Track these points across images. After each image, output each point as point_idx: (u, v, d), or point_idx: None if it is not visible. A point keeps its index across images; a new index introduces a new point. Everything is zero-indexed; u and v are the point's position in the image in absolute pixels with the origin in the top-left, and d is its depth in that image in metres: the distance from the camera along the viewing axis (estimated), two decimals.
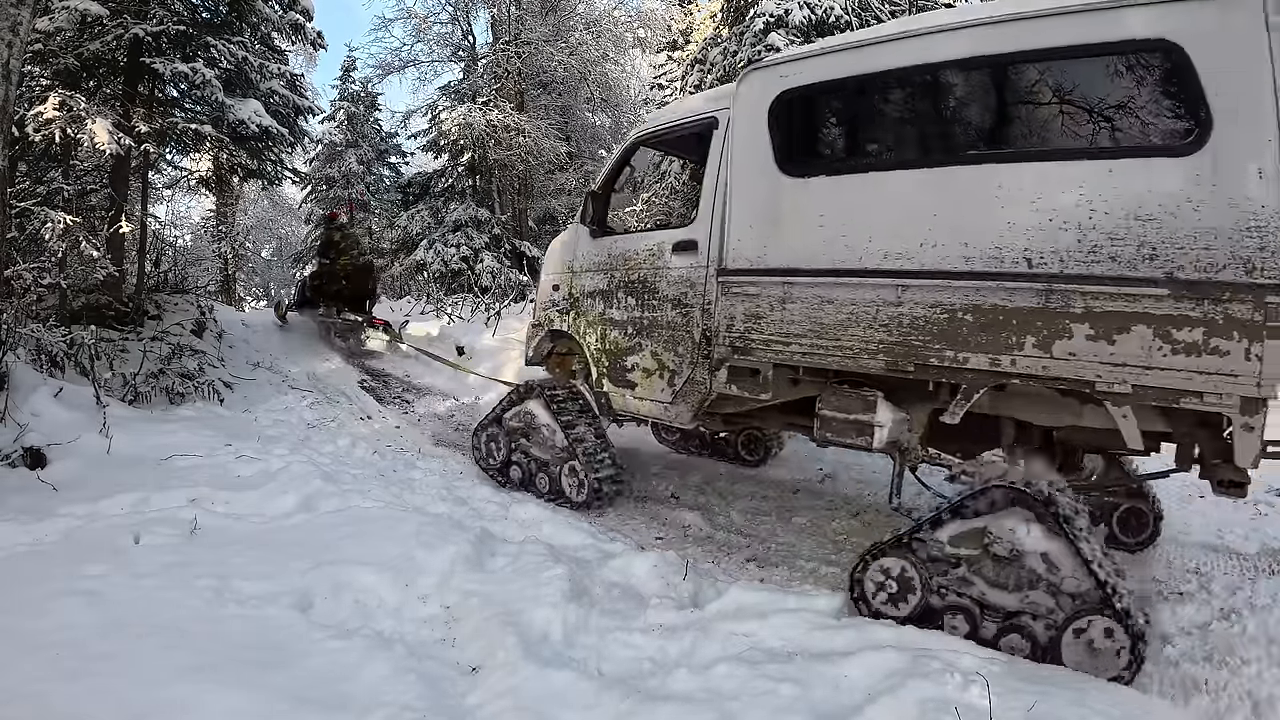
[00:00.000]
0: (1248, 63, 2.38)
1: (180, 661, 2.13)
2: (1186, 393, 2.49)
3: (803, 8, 8.73)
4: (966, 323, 2.86)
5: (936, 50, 2.95)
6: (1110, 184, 2.61)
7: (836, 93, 3.32)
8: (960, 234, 2.87)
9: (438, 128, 15.64)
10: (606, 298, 4.28)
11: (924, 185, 2.97)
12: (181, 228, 20.00)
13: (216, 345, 7.49)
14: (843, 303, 3.16)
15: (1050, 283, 2.68)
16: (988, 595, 2.72)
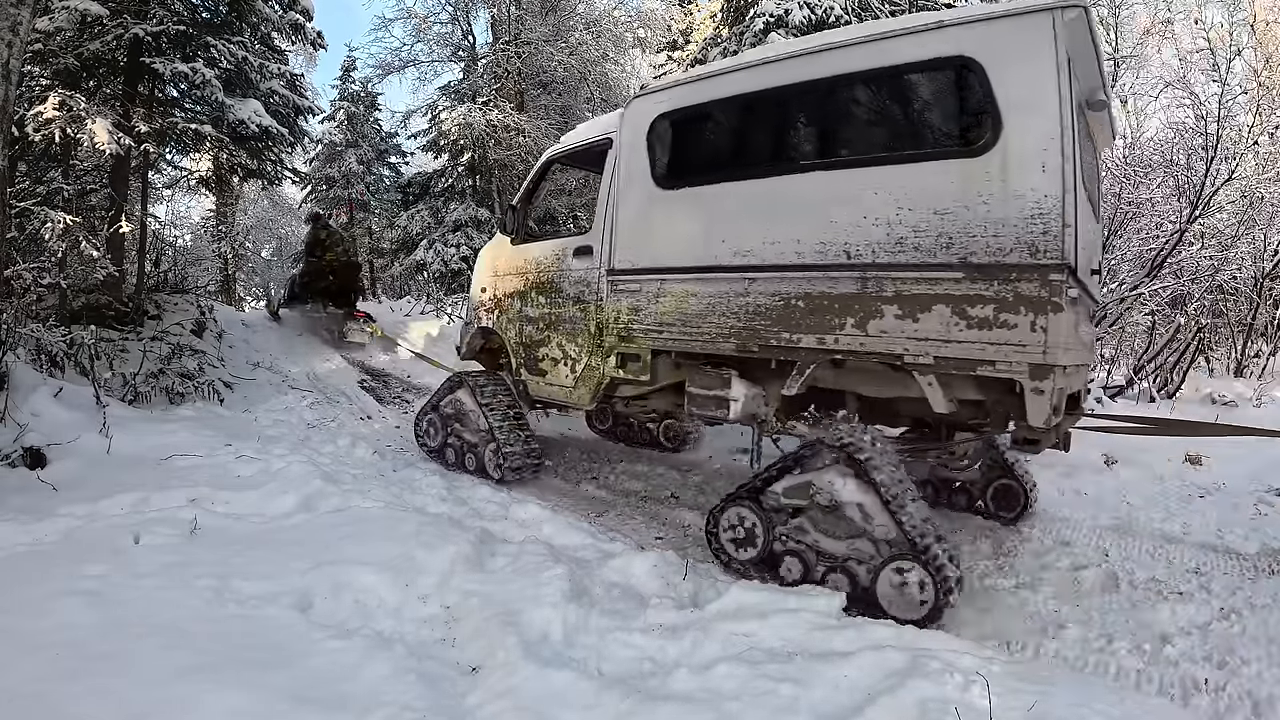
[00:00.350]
0: (1035, 73, 2.74)
1: (180, 661, 2.13)
2: (982, 362, 2.85)
3: (803, 7, 8.73)
4: (799, 308, 3.31)
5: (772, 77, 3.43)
6: (914, 184, 3.00)
7: (698, 116, 3.79)
8: (793, 233, 3.32)
9: (438, 128, 15.64)
10: (523, 297, 4.81)
11: (764, 192, 3.44)
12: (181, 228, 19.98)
13: (216, 345, 7.50)
14: (703, 295, 3.65)
15: (865, 271, 3.11)
16: (821, 543, 3.10)
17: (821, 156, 3.32)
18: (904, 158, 3.06)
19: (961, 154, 2.92)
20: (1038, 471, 4.93)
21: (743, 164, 3.65)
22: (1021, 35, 2.80)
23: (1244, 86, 7.65)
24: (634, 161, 3.99)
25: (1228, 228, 7.74)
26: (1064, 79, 2.71)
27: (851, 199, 3.14)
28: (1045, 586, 3.23)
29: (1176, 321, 7.18)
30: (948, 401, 3.05)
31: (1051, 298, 2.69)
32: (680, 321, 3.76)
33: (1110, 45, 6.76)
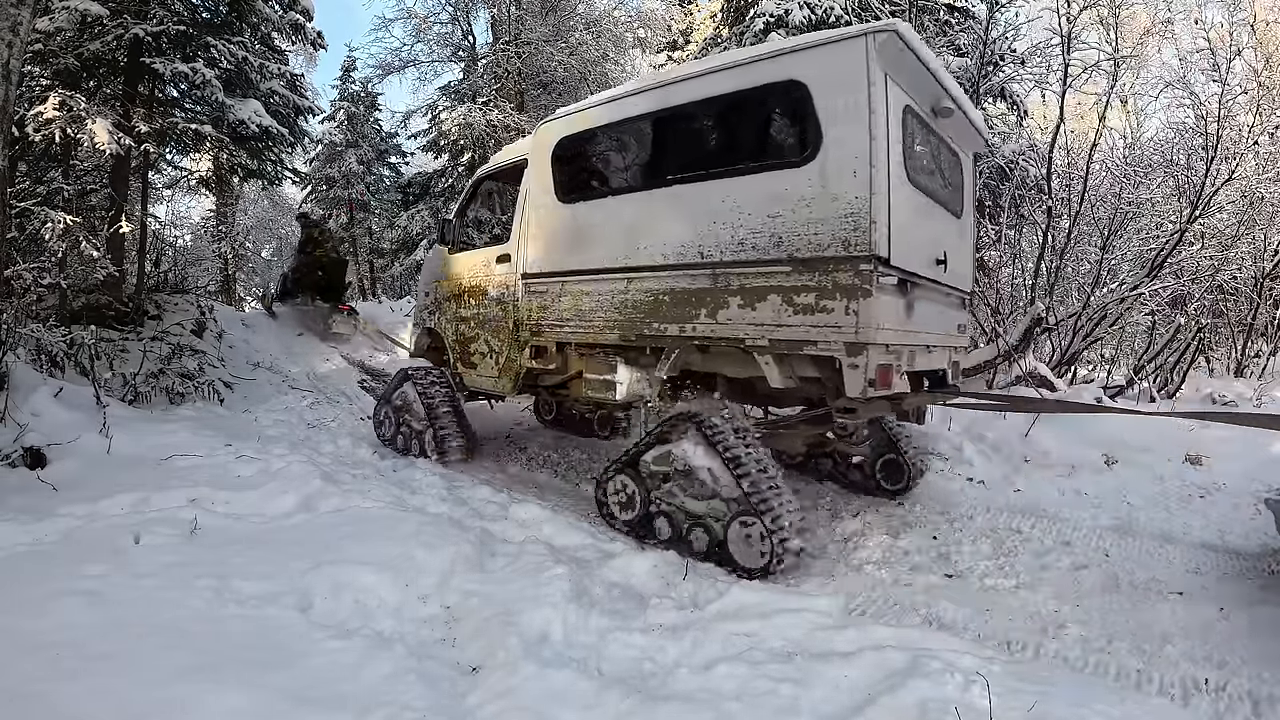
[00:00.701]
0: (849, 92, 3.14)
1: (180, 661, 2.13)
2: (806, 342, 3.30)
3: (803, 8, 8.72)
4: (665, 302, 3.83)
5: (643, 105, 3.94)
6: (753, 192, 3.46)
7: (588, 139, 4.31)
8: (660, 238, 3.83)
9: (438, 128, 15.64)
10: (458, 300, 5.38)
11: (638, 203, 3.97)
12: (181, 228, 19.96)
13: (216, 345, 7.49)
14: (593, 294, 4.18)
15: (715, 269, 3.59)
16: (686, 504, 3.57)
17: (680, 171, 3.80)
18: (745, 170, 3.53)
19: (790, 165, 3.35)
20: (1037, 472, 4.93)
21: (622, 180, 4.21)
22: (838, 59, 3.20)
23: (1244, 86, 7.64)
24: (541, 179, 4.53)
25: (1228, 228, 7.74)
26: (878, 95, 3.11)
27: (704, 207, 3.64)
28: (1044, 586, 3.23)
29: (1176, 321, 7.18)
30: (784, 378, 3.51)
31: (862, 285, 3.11)
32: (577, 317, 4.30)
33: (1110, 45, 6.75)
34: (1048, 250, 6.77)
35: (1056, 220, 6.91)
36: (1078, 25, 6.35)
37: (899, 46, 3.18)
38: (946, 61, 7.83)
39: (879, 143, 3.10)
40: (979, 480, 4.93)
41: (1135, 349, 7.80)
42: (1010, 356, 6.17)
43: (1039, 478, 4.84)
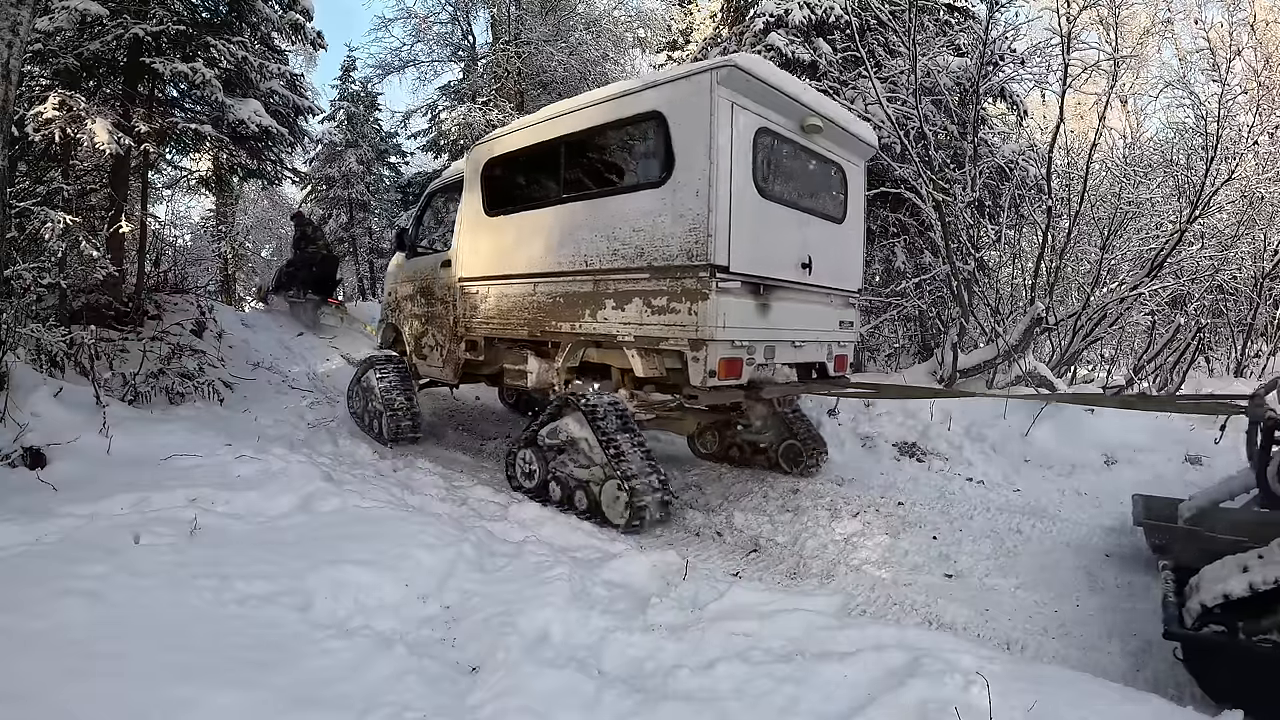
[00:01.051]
0: (696, 121, 3.58)
1: (180, 661, 2.13)
2: (661, 339, 3.83)
3: (803, 8, 8.70)
4: (561, 304, 4.42)
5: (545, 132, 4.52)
6: (623, 209, 3.97)
7: (507, 161, 4.92)
8: (557, 247, 4.39)
9: (438, 128, 15.63)
10: (413, 299, 6.07)
11: (541, 218, 4.53)
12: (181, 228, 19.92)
13: (216, 345, 7.49)
14: (510, 296, 4.80)
15: (596, 275, 4.15)
16: (574, 471, 4.17)
17: (572, 190, 4.38)
18: (618, 190, 4.15)
19: (651, 186, 3.83)
20: (1036, 471, 4.93)
21: (531, 197, 4.80)
22: (687, 92, 3.64)
23: (1244, 86, 7.64)
24: (473, 194, 5.18)
25: (1228, 228, 7.74)
26: (720, 123, 3.52)
27: (588, 222, 4.19)
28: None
29: (1176, 321, 7.18)
30: (648, 370, 4.11)
31: (701, 290, 3.60)
32: (499, 315, 4.94)
33: (1110, 45, 6.74)
34: (1048, 250, 6.76)
35: (1056, 220, 6.91)
36: (1078, 25, 6.35)
37: (744, 78, 3.58)
38: (946, 62, 7.83)
39: (719, 165, 3.53)
40: (978, 480, 4.94)
41: (1135, 349, 7.79)
42: (1010, 356, 6.17)
43: (1038, 480, 4.84)
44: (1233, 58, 7.07)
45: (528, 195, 4.84)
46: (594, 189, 4.32)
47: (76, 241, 5.70)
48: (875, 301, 8.30)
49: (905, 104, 7.21)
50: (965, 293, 6.83)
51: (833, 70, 8.48)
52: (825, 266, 4.31)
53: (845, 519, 4.18)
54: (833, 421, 5.82)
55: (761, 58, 3.98)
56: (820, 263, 4.24)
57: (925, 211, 7.13)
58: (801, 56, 8.52)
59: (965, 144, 7.38)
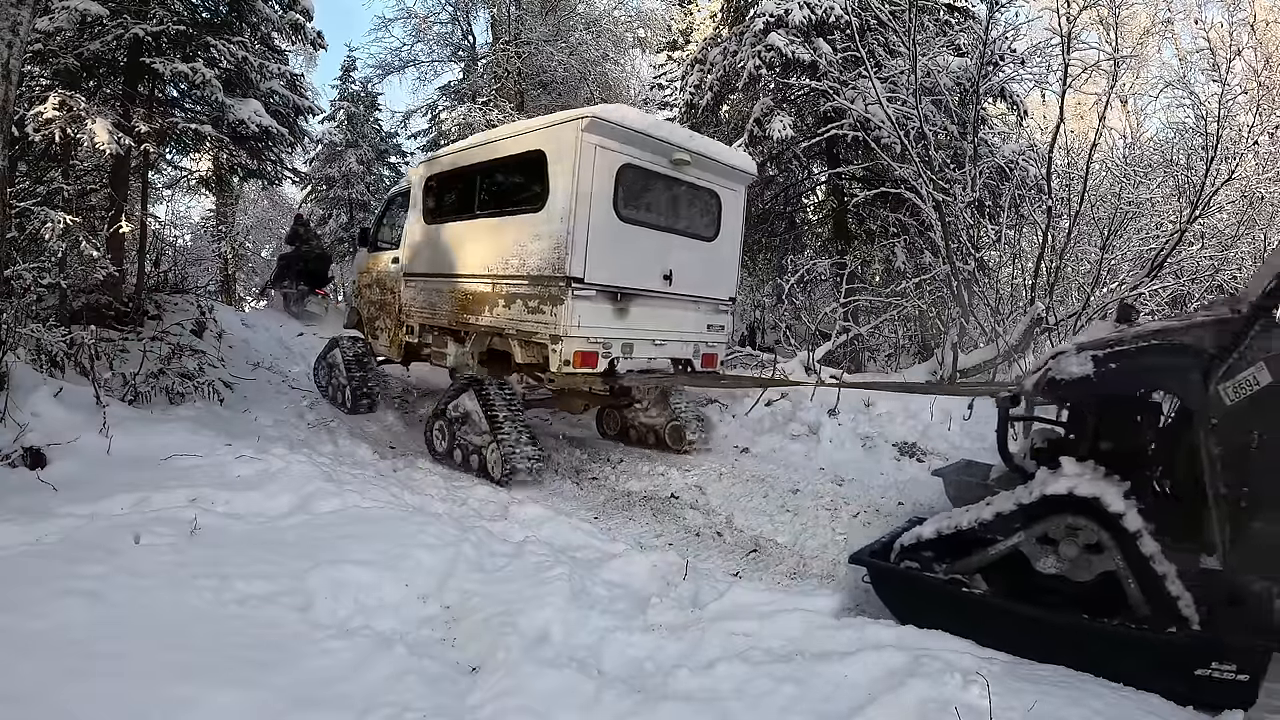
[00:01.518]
0: (565, 159, 4.37)
1: (180, 661, 2.13)
2: (533, 333, 4.66)
3: (803, 7, 8.70)
4: (470, 300, 5.24)
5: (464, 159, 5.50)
6: (514, 227, 4.82)
7: (439, 179, 5.82)
8: (469, 254, 5.27)
9: (438, 128, 15.63)
10: (370, 288, 6.90)
11: (461, 228, 5.43)
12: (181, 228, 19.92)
13: (216, 345, 7.48)
14: (438, 291, 5.63)
15: (494, 279, 4.98)
16: (472, 439, 4.99)
17: (481, 208, 5.27)
18: (511, 211, 4.92)
19: (532, 210, 4.64)
20: None
21: (454, 211, 5.64)
22: (560, 135, 4.44)
23: (1244, 86, 7.64)
24: (416, 203, 6.01)
25: (1228, 228, 7.74)
26: (584, 161, 4.32)
27: (490, 235, 5.05)
28: None
29: None
30: (526, 357, 4.89)
31: (560, 296, 4.41)
32: (430, 307, 5.76)
33: (1110, 45, 6.75)
34: (1048, 250, 6.76)
35: (1056, 220, 6.91)
36: (1078, 25, 6.35)
37: (606, 125, 4.36)
38: (946, 62, 7.83)
39: (580, 195, 4.32)
40: None
41: None
42: (1010, 356, 6.16)
43: None
44: (1233, 58, 7.07)
45: (453, 209, 5.68)
46: (496, 209, 5.14)
47: (76, 241, 5.69)
48: (875, 301, 8.30)
49: (905, 104, 7.21)
50: (965, 293, 6.83)
51: (833, 70, 8.48)
52: (689, 278, 5.09)
53: (845, 519, 4.19)
54: (832, 421, 5.82)
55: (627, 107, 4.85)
56: (683, 275, 5.03)
57: (925, 211, 7.13)
58: (801, 56, 8.52)
59: (965, 144, 7.38)
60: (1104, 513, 2.53)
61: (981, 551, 2.82)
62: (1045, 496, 2.65)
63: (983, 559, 2.82)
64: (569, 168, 4.31)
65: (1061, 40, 6.32)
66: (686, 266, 5.03)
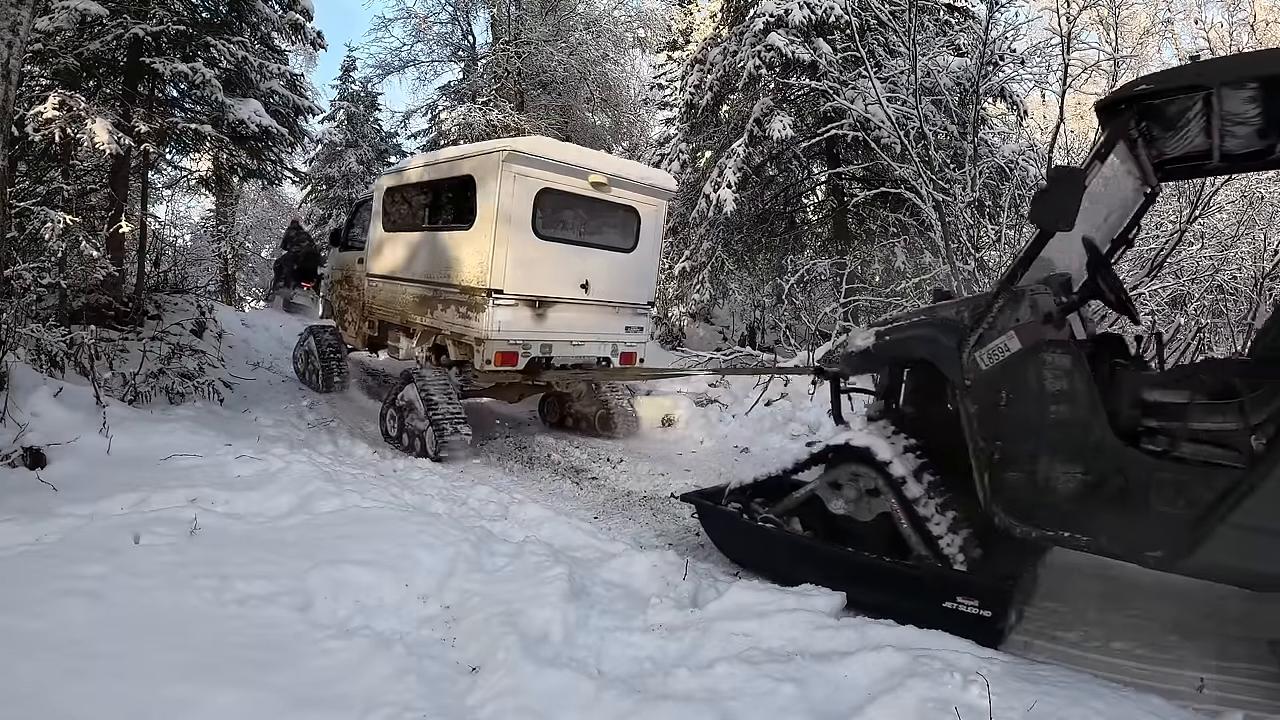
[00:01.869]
0: (490, 185, 5.02)
1: (180, 661, 2.13)
2: (463, 334, 5.38)
3: (803, 7, 8.70)
4: (417, 302, 5.93)
5: (413, 176, 6.26)
6: (451, 241, 5.48)
7: (399, 190, 6.52)
8: (417, 261, 5.92)
9: (438, 128, 15.63)
10: (341, 284, 7.60)
11: (413, 238, 6.09)
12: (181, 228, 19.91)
13: (216, 345, 7.48)
14: (394, 291, 6.32)
15: (435, 286, 5.66)
16: (415, 424, 5.46)
17: (428, 222, 6.07)
18: (449, 226, 5.63)
19: (464, 227, 5.31)
20: None
21: (408, 222, 6.42)
22: (485, 163, 5.11)
23: None
24: (378, 211, 6.60)
25: (1228, 228, 7.74)
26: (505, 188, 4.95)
27: (432, 246, 5.72)
28: None
29: (1176, 321, 7.18)
30: (460, 354, 5.57)
31: (483, 305, 5.09)
32: (387, 305, 6.46)
33: (1110, 45, 6.75)
34: None
35: None
36: (1078, 25, 6.35)
37: (524, 156, 4.99)
38: (946, 62, 7.83)
39: (501, 218, 4.96)
40: None
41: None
42: None
43: None
44: None
45: (407, 219, 6.42)
46: (439, 224, 5.85)
47: (76, 241, 5.69)
48: (875, 301, 8.30)
49: (905, 104, 7.21)
50: (965, 293, 6.82)
51: (833, 70, 8.48)
52: (606, 286, 5.66)
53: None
54: (832, 421, 5.81)
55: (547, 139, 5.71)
56: (600, 284, 5.60)
57: (925, 211, 7.13)
58: (801, 56, 8.52)
59: (965, 144, 7.38)
60: (874, 461, 3.00)
61: (789, 496, 3.37)
62: (827, 446, 3.22)
63: (790, 502, 3.36)
64: (492, 192, 4.96)
65: (1061, 40, 6.32)
66: (604, 276, 5.63)
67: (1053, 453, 2.69)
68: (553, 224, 5.31)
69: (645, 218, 5.83)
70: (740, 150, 9.24)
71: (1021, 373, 2.72)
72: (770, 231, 10.67)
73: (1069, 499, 2.66)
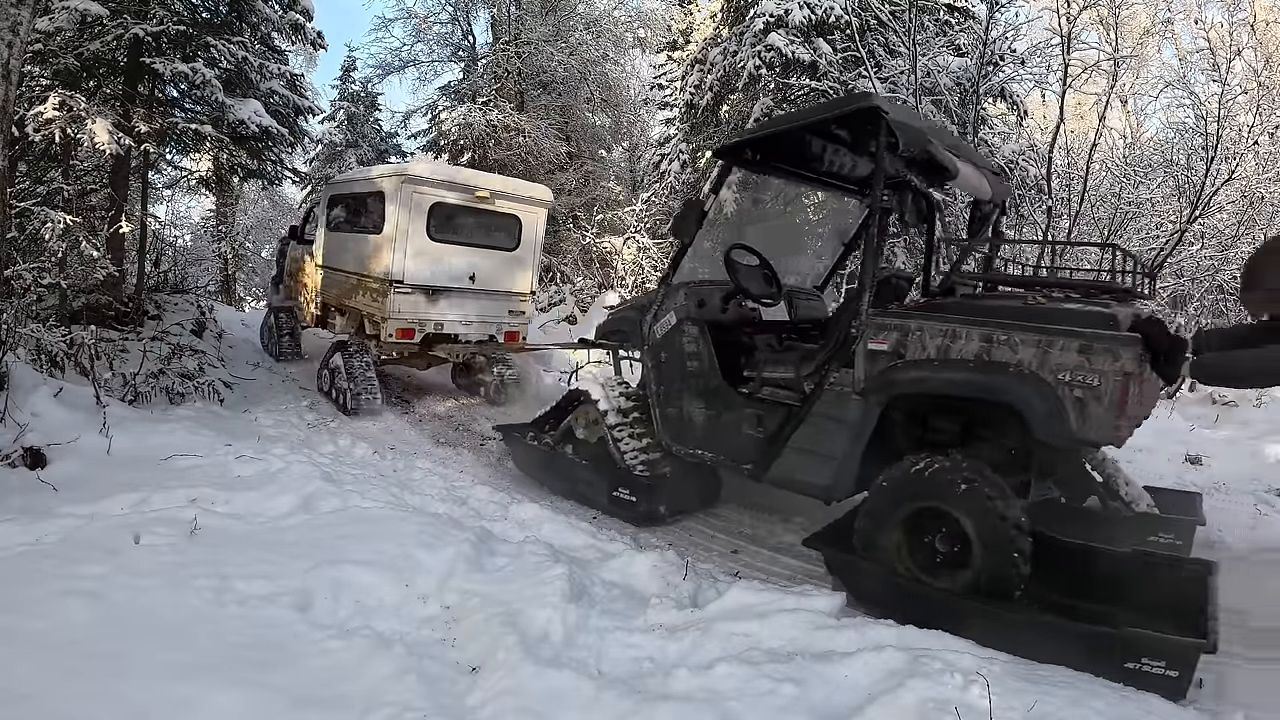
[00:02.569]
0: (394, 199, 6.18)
1: (180, 661, 2.13)
2: (374, 314, 6.49)
3: (803, 8, 8.69)
4: (347, 288, 7.03)
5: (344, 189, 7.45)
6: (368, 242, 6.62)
7: (335, 198, 7.55)
8: (347, 255, 7.08)
9: (438, 128, 15.61)
10: (299, 272, 8.45)
11: (347, 238, 7.17)
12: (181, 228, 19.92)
13: (216, 345, 7.49)
14: (332, 279, 7.40)
15: (359, 276, 6.76)
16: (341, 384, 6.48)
17: (354, 226, 7.09)
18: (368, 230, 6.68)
19: (377, 231, 6.45)
20: None
21: (343, 224, 7.40)
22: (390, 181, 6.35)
23: (1244, 86, 7.63)
24: (323, 215, 7.69)
25: (1228, 228, 7.74)
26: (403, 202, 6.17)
27: (357, 244, 6.87)
28: None
29: (1176, 322, 7.18)
30: (372, 330, 6.62)
31: (387, 291, 6.26)
32: (328, 290, 7.52)
33: (1110, 45, 6.75)
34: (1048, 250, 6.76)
35: (1056, 220, 6.91)
36: (1078, 25, 6.35)
37: (418, 178, 6.25)
38: (946, 62, 7.83)
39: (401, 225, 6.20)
40: None
41: None
42: None
43: None
44: (1233, 58, 7.07)
45: (342, 222, 7.43)
46: (362, 227, 6.88)
47: (76, 241, 5.69)
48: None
49: (905, 104, 7.20)
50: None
51: (833, 70, 8.48)
52: (491, 278, 6.84)
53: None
54: None
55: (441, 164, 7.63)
56: (486, 276, 6.79)
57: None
58: (801, 56, 8.52)
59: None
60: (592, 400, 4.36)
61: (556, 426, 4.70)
62: (570, 391, 4.65)
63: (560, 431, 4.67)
64: (396, 206, 6.22)
65: (1061, 40, 6.32)
66: (489, 269, 6.82)
67: (690, 395, 3.93)
68: (446, 229, 6.52)
69: (526, 223, 7.03)
70: None
71: (672, 340, 4.00)
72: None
73: (700, 427, 3.90)
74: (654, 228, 13.97)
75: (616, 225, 14.62)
